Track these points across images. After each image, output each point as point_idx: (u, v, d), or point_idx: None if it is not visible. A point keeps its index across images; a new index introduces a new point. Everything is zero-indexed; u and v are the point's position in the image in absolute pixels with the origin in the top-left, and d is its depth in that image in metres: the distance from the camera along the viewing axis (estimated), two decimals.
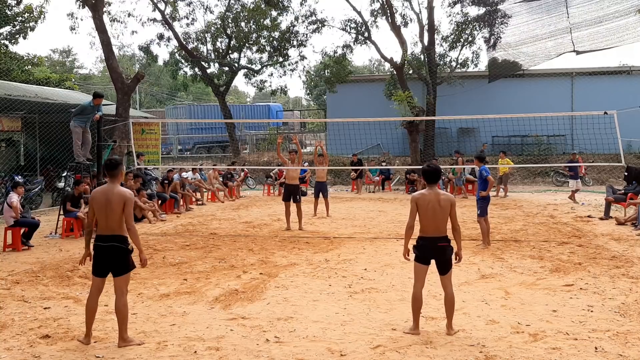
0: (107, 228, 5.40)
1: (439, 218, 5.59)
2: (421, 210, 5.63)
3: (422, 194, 5.69)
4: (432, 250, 5.60)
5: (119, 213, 5.39)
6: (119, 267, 5.41)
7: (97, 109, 12.93)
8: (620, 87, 27.18)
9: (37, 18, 25.36)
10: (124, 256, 5.43)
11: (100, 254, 5.41)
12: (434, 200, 5.60)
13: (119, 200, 5.38)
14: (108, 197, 5.39)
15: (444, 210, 5.59)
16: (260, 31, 29.85)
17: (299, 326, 5.86)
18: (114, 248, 5.38)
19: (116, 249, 5.38)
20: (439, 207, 5.58)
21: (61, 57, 67.02)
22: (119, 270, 5.41)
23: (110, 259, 5.40)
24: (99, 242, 5.42)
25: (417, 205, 5.64)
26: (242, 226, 13.44)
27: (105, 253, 5.39)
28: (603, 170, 23.83)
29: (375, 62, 70.88)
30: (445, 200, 5.63)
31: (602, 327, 5.72)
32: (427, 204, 5.59)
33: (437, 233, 5.58)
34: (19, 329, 5.81)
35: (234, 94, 70.67)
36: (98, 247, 5.42)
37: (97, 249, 5.44)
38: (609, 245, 10.30)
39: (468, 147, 26.54)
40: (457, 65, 26.79)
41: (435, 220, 5.58)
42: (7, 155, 20.25)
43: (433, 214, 5.58)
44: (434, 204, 5.59)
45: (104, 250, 5.39)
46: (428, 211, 5.59)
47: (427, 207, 5.59)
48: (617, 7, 17.97)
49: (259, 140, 34.16)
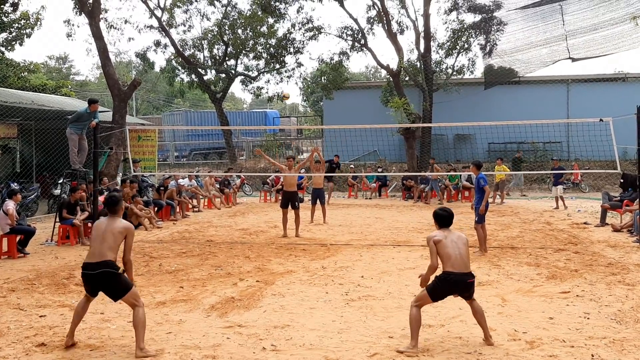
0: (98, 254, 5.41)
1: (464, 254, 5.56)
2: (442, 247, 5.56)
3: (438, 232, 5.69)
4: (458, 286, 5.49)
5: (117, 241, 5.49)
6: (117, 291, 5.42)
7: (93, 115, 12.91)
8: (616, 94, 27.26)
9: (33, 25, 25.42)
10: (117, 280, 5.41)
11: (90, 281, 5.45)
12: (454, 237, 5.64)
13: (121, 230, 5.51)
14: (110, 227, 5.50)
15: (466, 247, 5.63)
16: (257, 38, 29.94)
17: (296, 334, 5.84)
18: (104, 274, 5.37)
19: (107, 275, 5.37)
20: (462, 243, 5.61)
21: (57, 63, 66.99)
22: (118, 294, 5.42)
23: (103, 286, 5.43)
24: (88, 270, 5.43)
25: (435, 243, 5.59)
26: (238, 233, 13.43)
27: (97, 280, 5.41)
28: (599, 177, 23.91)
29: (371, 69, 71.01)
30: (464, 238, 5.70)
31: (599, 334, 5.73)
32: (446, 239, 5.59)
33: (464, 269, 5.53)
34: (14, 337, 5.78)
35: (231, 100, 70.68)
36: (87, 275, 5.44)
37: (86, 278, 5.47)
38: (605, 252, 10.32)
39: (464, 153, 26.60)
40: (453, 72, 26.91)
41: (461, 256, 5.53)
42: (3, 162, 20.23)
43: (458, 250, 5.55)
44: (454, 240, 5.61)
45: (95, 277, 5.40)
46: (450, 249, 5.53)
47: (447, 242, 5.57)
48: (612, 15, 18.07)
49: (255, 147, 34.16)
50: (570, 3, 19.18)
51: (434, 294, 5.51)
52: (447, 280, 5.47)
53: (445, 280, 5.48)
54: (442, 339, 5.67)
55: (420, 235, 12.64)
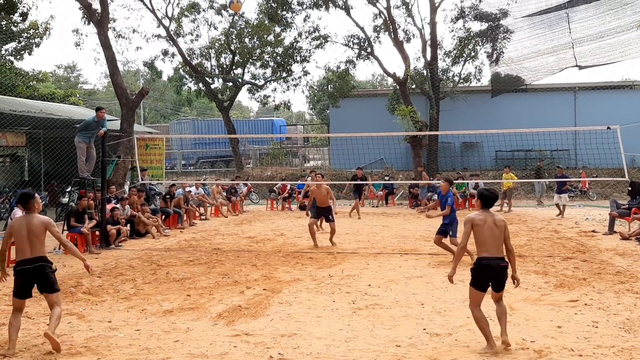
0: (31, 251, 5.83)
1: (497, 239, 5.66)
2: (478, 231, 5.68)
3: (478, 215, 5.78)
4: (493, 270, 5.58)
5: (42, 237, 5.94)
6: (49, 284, 5.87)
7: (101, 124, 13.00)
8: (623, 101, 27.23)
9: (42, 34, 25.63)
10: (51, 274, 5.92)
11: (27, 276, 5.81)
12: (490, 221, 5.69)
13: (40, 225, 5.93)
14: (31, 226, 5.89)
15: (501, 232, 5.69)
16: (263, 47, 30.07)
17: (303, 343, 5.84)
18: (41, 268, 5.85)
19: (43, 268, 5.86)
20: (497, 228, 5.68)
21: (66, 72, 67.44)
22: (49, 288, 5.87)
23: (39, 278, 5.84)
24: (26, 265, 5.81)
25: (473, 226, 5.71)
26: (245, 241, 13.44)
27: (33, 274, 5.82)
28: (607, 185, 23.81)
29: (378, 77, 71.17)
30: (500, 222, 5.73)
31: (607, 343, 5.69)
32: (484, 224, 5.67)
33: (498, 254, 5.62)
34: (22, 346, 5.80)
35: (238, 108, 70.93)
36: (25, 270, 5.80)
37: (23, 273, 5.81)
38: (614, 260, 10.25)
39: (472, 161, 26.59)
40: (460, 80, 26.92)
41: (494, 241, 5.64)
42: (11, 170, 20.36)
43: (492, 234, 5.65)
44: (490, 225, 5.67)
45: (32, 271, 5.81)
46: (486, 231, 5.65)
47: (484, 228, 5.66)
48: (619, 23, 18.07)
49: (262, 155, 34.24)
50: (577, 11, 19.20)
51: (476, 284, 5.65)
52: (481, 266, 5.61)
53: (480, 267, 5.62)
54: (450, 347, 5.64)
55: (428, 244, 12.60)
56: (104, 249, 12.27)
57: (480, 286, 5.63)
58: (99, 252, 11.88)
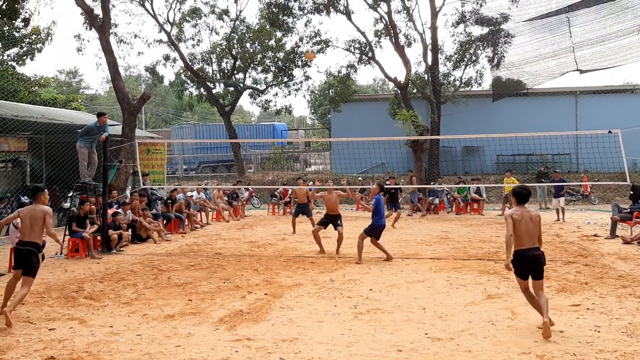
0: (28, 236, 7.14)
1: (531, 232, 6.40)
2: (517, 225, 6.38)
3: (516, 211, 6.47)
4: (529, 260, 6.32)
5: (41, 225, 7.19)
6: (29, 267, 7.04)
7: (103, 129, 13.02)
8: (625, 105, 27.24)
9: (44, 40, 25.73)
10: (34, 260, 7.08)
11: (18, 255, 7.18)
12: (526, 216, 6.41)
13: (41, 214, 7.21)
14: (32, 214, 7.20)
15: (536, 225, 6.43)
16: (265, 52, 30.15)
17: (304, 347, 5.83)
18: (30, 252, 7.07)
19: (31, 252, 7.08)
20: (531, 222, 6.41)
21: (67, 78, 67.54)
22: (27, 271, 7.03)
23: (25, 260, 7.05)
24: (21, 246, 7.14)
25: (514, 220, 6.40)
26: (246, 246, 13.44)
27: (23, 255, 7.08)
28: (608, 189, 23.78)
29: (379, 81, 71.16)
30: (535, 217, 6.47)
31: (610, 348, 5.68)
32: (521, 219, 6.38)
33: (532, 245, 6.37)
34: (24, 351, 5.80)
35: (239, 113, 71.03)
36: (18, 250, 7.17)
37: (17, 252, 7.20)
38: (616, 264, 10.23)
39: (473, 165, 26.59)
40: (461, 85, 26.95)
41: (528, 234, 6.36)
42: (13, 175, 20.36)
43: (526, 228, 6.37)
44: (526, 220, 6.39)
45: (23, 252, 7.09)
46: (522, 226, 6.36)
47: (522, 222, 6.37)
48: (620, 27, 18.08)
49: (263, 160, 34.26)
50: (578, 15, 19.22)
51: (519, 274, 6.45)
52: (519, 257, 6.39)
53: (519, 259, 6.39)
54: (452, 352, 5.63)
55: (429, 248, 12.60)
56: (105, 253, 12.27)
57: (522, 275, 6.39)
58: (101, 257, 11.88)
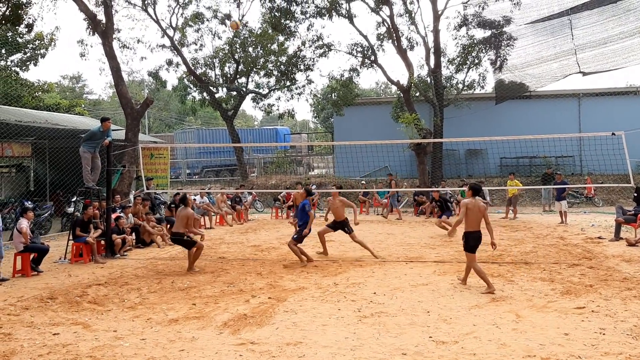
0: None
1: (479, 218, 8.50)
2: (469, 212, 8.46)
3: (470, 202, 8.53)
4: (476, 239, 8.47)
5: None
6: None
7: (106, 134, 13.05)
8: (628, 107, 27.19)
9: (47, 45, 25.80)
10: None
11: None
12: (476, 206, 8.50)
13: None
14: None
15: (482, 214, 8.54)
16: (267, 56, 30.18)
17: (309, 351, 5.82)
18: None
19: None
20: (479, 211, 8.51)
21: (71, 83, 67.81)
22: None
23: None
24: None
25: (467, 209, 8.47)
26: (250, 250, 13.44)
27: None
28: (612, 191, 23.71)
29: (382, 84, 71.27)
30: (482, 207, 8.60)
31: (615, 350, 5.66)
32: (473, 208, 8.47)
33: (478, 228, 8.47)
34: (28, 356, 5.81)
35: (242, 117, 71.13)
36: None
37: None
38: (620, 266, 10.21)
39: (476, 168, 26.55)
40: (464, 87, 26.91)
41: (477, 220, 8.47)
42: (17, 180, 20.42)
43: (475, 215, 8.46)
44: (476, 209, 8.49)
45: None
46: (473, 213, 8.45)
47: (473, 211, 8.46)
48: (622, 29, 18.04)
49: (266, 164, 34.27)
50: (580, 17, 19.20)
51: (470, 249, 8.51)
52: (470, 236, 8.50)
53: (470, 238, 8.50)
54: (456, 355, 5.62)
55: (433, 251, 12.58)
56: (109, 258, 12.28)
57: (472, 250, 8.49)
58: (105, 261, 11.89)
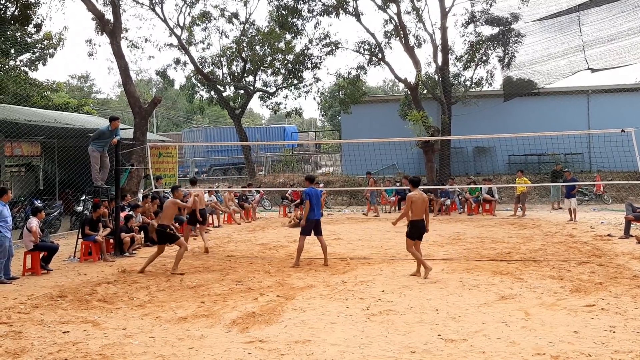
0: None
1: (422, 209, 9.52)
2: (414, 204, 9.45)
3: (415, 194, 9.52)
4: (420, 227, 9.52)
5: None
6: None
7: (115, 133, 13.09)
8: (637, 104, 26.98)
9: (56, 45, 25.92)
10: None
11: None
12: (420, 198, 9.51)
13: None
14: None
15: (425, 204, 9.56)
16: (274, 54, 30.17)
17: (317, 349, 5.82)
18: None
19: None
20: (422, 202, 9.52)
21: (79, 82, 68.07)
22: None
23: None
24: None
25: (412, 201, 9.45)
26: (258, 248, 13.46)
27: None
28: (622, 188, 23.57)
29: (389, 82, 71.10)
30: (425, 198, 9.61)
31: (625, 348, 5.62)
32: (417, 199, 9.46)
33: (421, 217, 9.53)
34: (38, 354, 5.84)
35: (249, 116, 71.20)
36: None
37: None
38: (630, 264, 10.15)
39: (485, 166, 26.45)
40: (472, 85, 26.81)
41: (420, 210, 9.50)
42: (27, 179, 20.53)
43: (419, 206, 9.48)
44: (420, 200, 9.49)
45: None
46: (417, 205, 9.45)
47: (417, 202, 9.46)
48: (630, 25, 17.92)
49: (274, 162, 34.29)
50: (588, 14, 19.09)
51: (412, 236, 9.58)
52: (414, 225, 9.53)
53: (414, 226, 9.54)
54: (465, 353, 5.60)
55: (442, 249, 12.57)
56: (118, 256, 12.34)
57: (413, 238, 9.56)
58: (113, 259, 11.95)
